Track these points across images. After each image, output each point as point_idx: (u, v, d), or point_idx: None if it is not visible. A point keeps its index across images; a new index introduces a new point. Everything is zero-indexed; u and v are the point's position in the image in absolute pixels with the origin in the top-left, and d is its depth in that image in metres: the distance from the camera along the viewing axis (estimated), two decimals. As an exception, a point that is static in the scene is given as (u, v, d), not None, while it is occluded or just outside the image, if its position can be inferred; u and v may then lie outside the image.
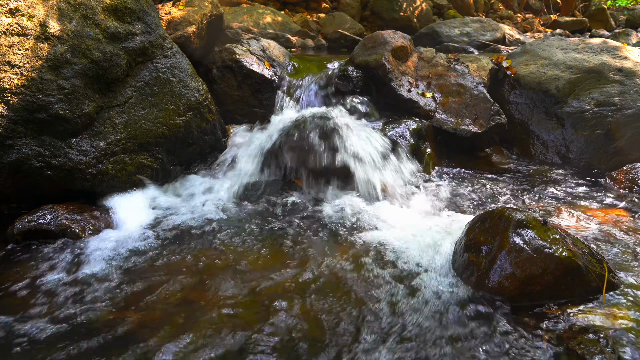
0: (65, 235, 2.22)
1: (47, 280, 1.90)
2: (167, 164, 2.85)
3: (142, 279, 1.92)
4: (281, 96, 3.81)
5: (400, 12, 8.24)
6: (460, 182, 3.08)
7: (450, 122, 3.54)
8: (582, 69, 3.76)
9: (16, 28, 2.38)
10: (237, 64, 3.74)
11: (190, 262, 2.07)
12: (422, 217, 2.55)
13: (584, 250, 1.84)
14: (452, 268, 1.97)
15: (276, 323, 1.64)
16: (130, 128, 2.67)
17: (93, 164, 2.50)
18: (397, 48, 3.92)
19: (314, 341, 1.56)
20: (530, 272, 1.71)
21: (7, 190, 2.36)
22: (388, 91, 3.69)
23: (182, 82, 2.95)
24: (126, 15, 2.79)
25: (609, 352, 1.43)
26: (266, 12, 6.65)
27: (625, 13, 13.03)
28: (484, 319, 1.66)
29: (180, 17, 3.61)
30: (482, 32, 6.85)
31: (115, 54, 2.65)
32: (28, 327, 1.61)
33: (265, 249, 2.20)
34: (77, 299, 1.78)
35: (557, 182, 3.13)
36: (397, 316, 1.68)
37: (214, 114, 3.17)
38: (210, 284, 1.89)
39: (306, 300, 1.78)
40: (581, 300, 1.73)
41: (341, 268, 2.01)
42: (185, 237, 2.29)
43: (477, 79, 3.84)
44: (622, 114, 3.40)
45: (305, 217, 2.56)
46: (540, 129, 3.70)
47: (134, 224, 2.39)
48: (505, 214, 1.90)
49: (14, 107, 2.29)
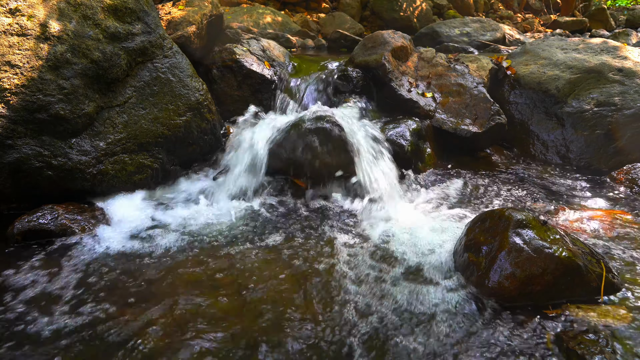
0: (66, 235, 2.22)
1: (47, 280, 1.90)
2: (167, 164, 2.85)
3: (141, 279, 1.92)
4: (281, 96, 3.81)
5: (400, 12, 8.24)
6: (460, 182, 3.08)
7: (450, 122, 3.54)
8: (582, 69, 3.76)
9: (16, 28, 2.38)
10: (237, 64, 3.74)
11: (189, 262, 2.07)
12: (422, 217, 2.55)
13: (583, 250, 1.84)
14: (452, 268, 1.97)
15: (276, 324, 1.64)
16: (130, 128, 2.67)
17: (93, 164, 2.50)
18: (397, 48, 3.92)
19: (309, 334, 1.56)
20: (530, 272, 1.71)
21: (7, 190, 2.35)
22: (388, 91, 3.69)
23: (182, 82, 2.95)
24: (126, 15, 2.79)
25: (609, 352, 1.43)
26: (266, 12, 6.65)
27: (625, 13, 13.03)
28: (483, 318, 1.66)
29: (180, 17, 3.61)
30: (482, 32, 6.84)
31: (115, 54, 2.65)
32: (28, 326, 1.62)
33: (265, 249, 2.20)
34: (77, 299, 1.78)
35: (557, 182, 3.13)
36: (397, 315, 1.68)
37: (214, 114, 3.17)
38: (209, 284, 1.89)
39: (306, 300, 1.78)
40: (581, 300, 1.73)
41: (342, 268, 2.01)
42: (185, 238, 2.29)
43: (477, 79, 3.84)
44: (622, 114, 3.40)
45: (305, 217, 2.56)
46: (540, 129, 3.70)
47: (134, 223, 2.40)
48: (505, 214, 1.90)
49: (14, 107, 2.29)
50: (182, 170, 2.97)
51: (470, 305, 1.73)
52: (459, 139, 3.49)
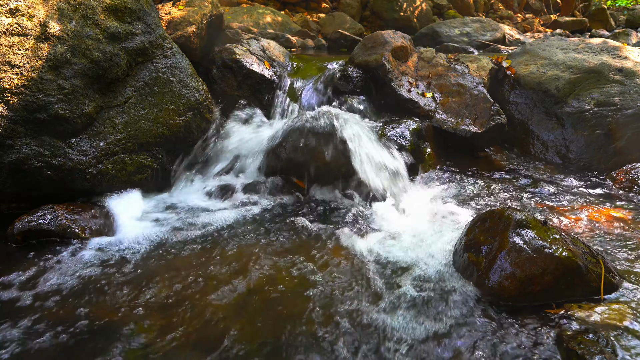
0: (65, 235, 2.22)
1: (47, 280, 1.90)
2: (167, 164, 2.85)
3: (141, 279, 1.92)
4: (281, 96, 3.82)
5: (400, 12, 8.24)
6: (460, 182, 3.08)
7: (450, 122, 3.54)
8: (582, 69, 3.76)
9: (16, 28, 2.38)
10: (237, 64, 3.74)
11: (189, 263, 2.07)
12: (422, 217, 2.55)
13: (583, 250, 1.84)
14: (452, 268, 1.97)
15: (277, 324, 1.64)
16: (130, 128, 2.67)
17: (93, 164, 2.50)
18: (397, 48, 3.92)
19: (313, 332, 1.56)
20: (530, 272, 1.71)
21: (7, 190, 2.35)
22: (388, 91, 3.69)
23: (182, 82, 2.96)
24: (126, 15, 2.79)
25: (609, 352, 1.43)
26: (266, 12, 6.65)
27: (625, 13, 13.03)
28: (483, 318, 1.66)
29: (180, 17, 3.61)
30: (482, 32, 6.85)
31: (115, 54, 2.66)
32: (28, 326, 1.62)
33: (265, 250, 2.20)
34: (77, 299, 1.78)
35: (557, 182, 3.13)
36: (397, 314, 1.68)
37: (214, 114, 3.17)
38: (210, 284, 1.89)
39: (306, 299, 1.78)
40: (581, 300, 1.73)
41: (342, 268, 2.01)
42: (184, 238, 2.29)
43: (477, 79, 3.84)
44: (622, 114, 3.40)
45: (304, 217, 2.56)
46: (540, 129, 3.70)
47: (133, 223, 2.40)
48: (505, 214, 1.90)
49: (14, 107, 2.29)
50: (182, 170, 2.97)
51: (470, 305, 1.73)
52: (459, 139, 3.49)
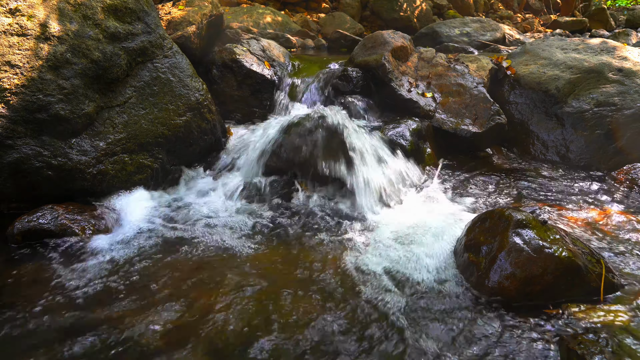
0: (65, 235, 2.22)
1: (47, 280, 1.90)
2: (167, 164, 2.85)
3: (141, 279, 1.92)
4: (281, 96, 3.82)
5: (400, 12, 8.24)
6: (460, 182, 3.08)
7: (450, 122, 3.54)
8: (582, 69, 3.76)
9: (16, 28, 2.38)
10: (237, 64, 3.74)
11: (188, 263, 2.07)
12: (422, 217, 2.55)
13: (583, 250, 1.84)
14: (453, 268, 1.97)
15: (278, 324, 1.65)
16: (130, 128, 2.67)
17: (93, 164, 2.50)
18: (397, 48, 3.92)
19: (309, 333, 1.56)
20: (530, 272, 1.71)
21: (7, 190, 2.35)
22: (388, 91, 3.69)
23: (182, 82, 2.95)
24: (126, 15, 2.79)
25: (609, 352, 1.43)
26: (266, 12, 6.64)
27: (625, 13, 13.03)
28: (483, 318, 1.66)
29: (180, 17, 3.61)
30: (482, 32, 6.84)
31: (115, 54, 2.65)
32: (28, 326, 1.62)
33: (265, 251, 2.20)
34: (77, 298, 1.78)
35: (557, 182, 3.13)
36: (397, 314, 1.68)
37: (214, 114, 3.17)
38: (208, 283, 1.89)
39: (307, 298, 1.78)
40: (581, 300, 1.73)
41: (343, 268, 2.02)
42: (184, 238, 2.29)
43: (477, 79, 3.84)
44: (622, 114, 3.40)
45: (304, 216, 2.56)
46: (540, 129, 3.70)
47: (133, 223, 2.39)
48: (505, 214, 1.90)
49: (14, 107, 2.28)
50: (182, 171, 2.97)
51: (470, 305, 1.73)
52: (459, 139, 3.49)
